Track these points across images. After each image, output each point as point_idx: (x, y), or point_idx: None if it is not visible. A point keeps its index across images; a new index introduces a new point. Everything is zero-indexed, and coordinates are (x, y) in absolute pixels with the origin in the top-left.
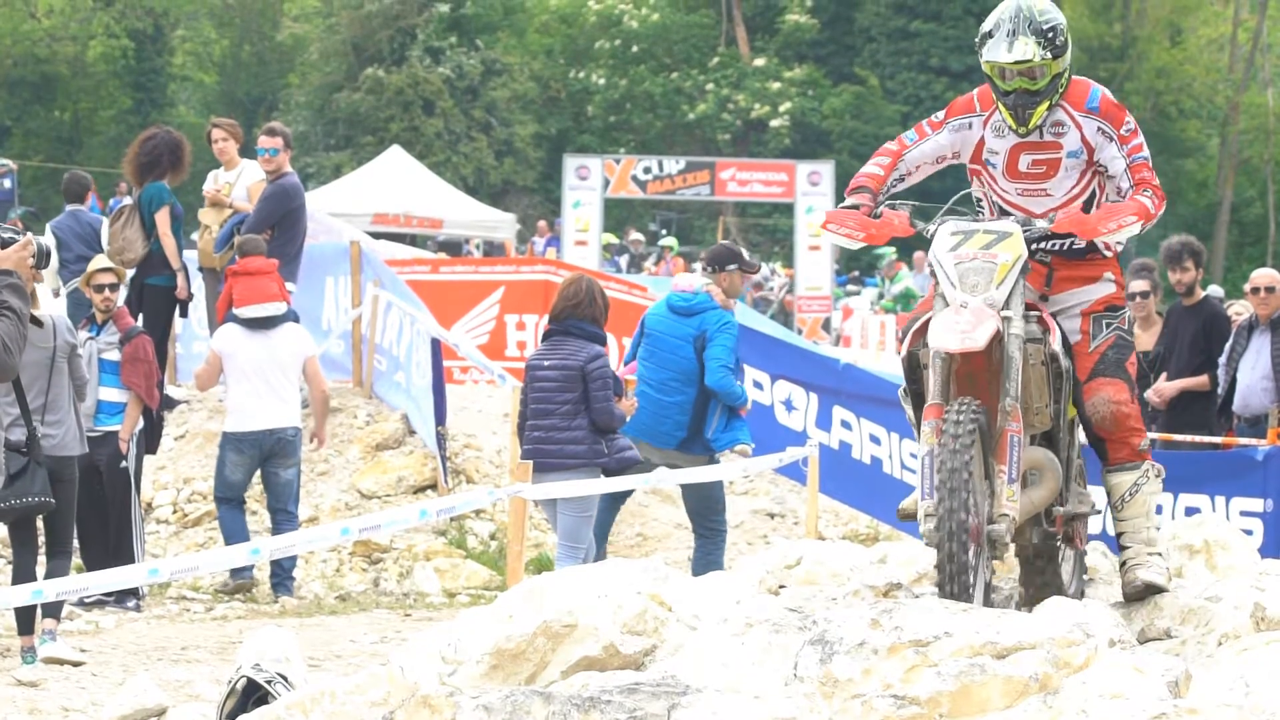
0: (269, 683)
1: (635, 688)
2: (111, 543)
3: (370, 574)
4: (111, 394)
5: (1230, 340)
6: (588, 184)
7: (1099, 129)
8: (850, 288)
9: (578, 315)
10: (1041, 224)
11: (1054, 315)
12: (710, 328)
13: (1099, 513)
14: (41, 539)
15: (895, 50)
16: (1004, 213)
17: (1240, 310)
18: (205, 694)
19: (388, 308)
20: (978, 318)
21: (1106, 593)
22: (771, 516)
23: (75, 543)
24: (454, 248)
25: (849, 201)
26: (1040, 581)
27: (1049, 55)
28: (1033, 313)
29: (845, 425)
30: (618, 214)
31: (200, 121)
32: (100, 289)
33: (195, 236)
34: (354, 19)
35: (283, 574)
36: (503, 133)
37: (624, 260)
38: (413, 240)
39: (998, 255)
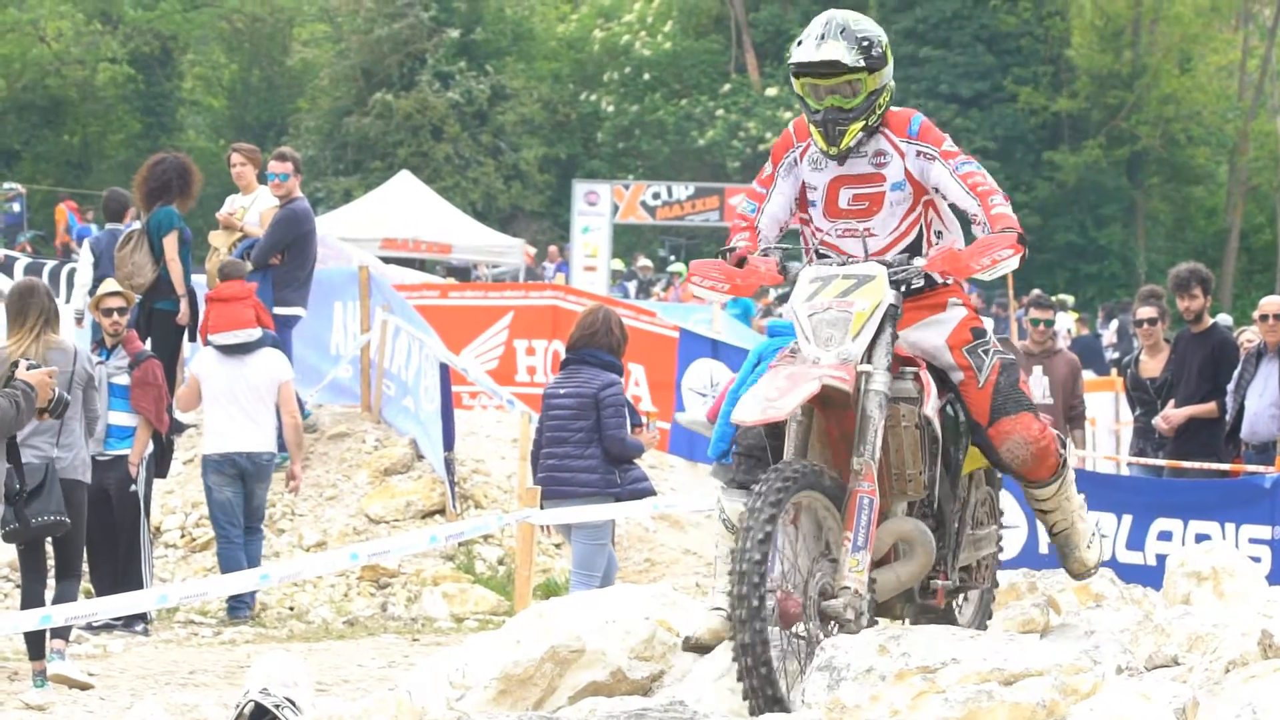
0: (277, 707)
1: (643, 713)
2: (120, 567)
3: (378, 599)
4: (121, 418)
5: (1239, 367)
6: (596, 209)
7: (919, 153)
8: None
9: (594, 345)
10: (918, 262)
11: (914, 359)
12: None
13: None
14: (50, 563)
15: (904, 76)
16: (822, 258)
17: (1251, 338)
18: (213, 718)
19: (396, 332)
20: (792, 382)
21: (1114, 620)
22: None
23: (84, 566)
24: (463, 273)
25: (724, 249)
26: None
27: (861, 62)
28: (910, 369)
29: None
30: (626, 239)
31: (209, 146)
32: (109, 313)
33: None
34: (363, 44)
35: (238, 599)
36: (511, 157)
37: (632, 286)
38: (421, 265)
39: (854, 303)
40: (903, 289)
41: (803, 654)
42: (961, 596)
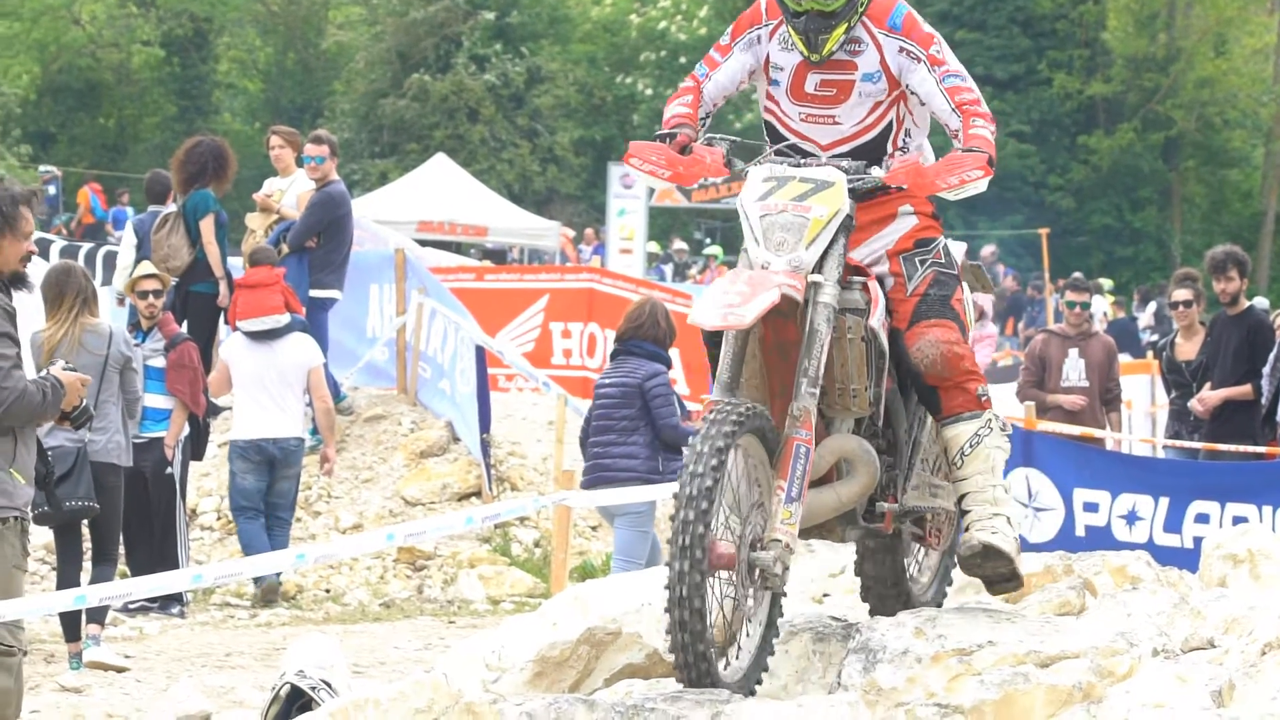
0: (313, 689)
1: (679, 695)
2: (156, 549)
3: (414, 581)
4: (157, 400)
5: (1275, 350)
6: (632, 192)
7: (901, 48)
8: None
9: (640, 336)
10: (877, 172)
11: (863, 268)
12: None
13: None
14: (87, 545)
15: None
16: (780, 140)
17: None
18: (249, 700)
19: (432, 315)
20: (753, 288)
21: (1150, 602)
22: None
23: (121, 549)
24: (498, 255)
25: (664, 131)
26: (877, 572)
27: None
28: (857, 278)
29: None
30: (662, 222)
31: (245, 129)
32: (144, 295)
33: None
34: (399, 26)
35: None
36: (546, 140)
37: (669, 269)
38: (457, 248)
39: (811, 208)
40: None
41: (730, 603)
42: (918, 554)
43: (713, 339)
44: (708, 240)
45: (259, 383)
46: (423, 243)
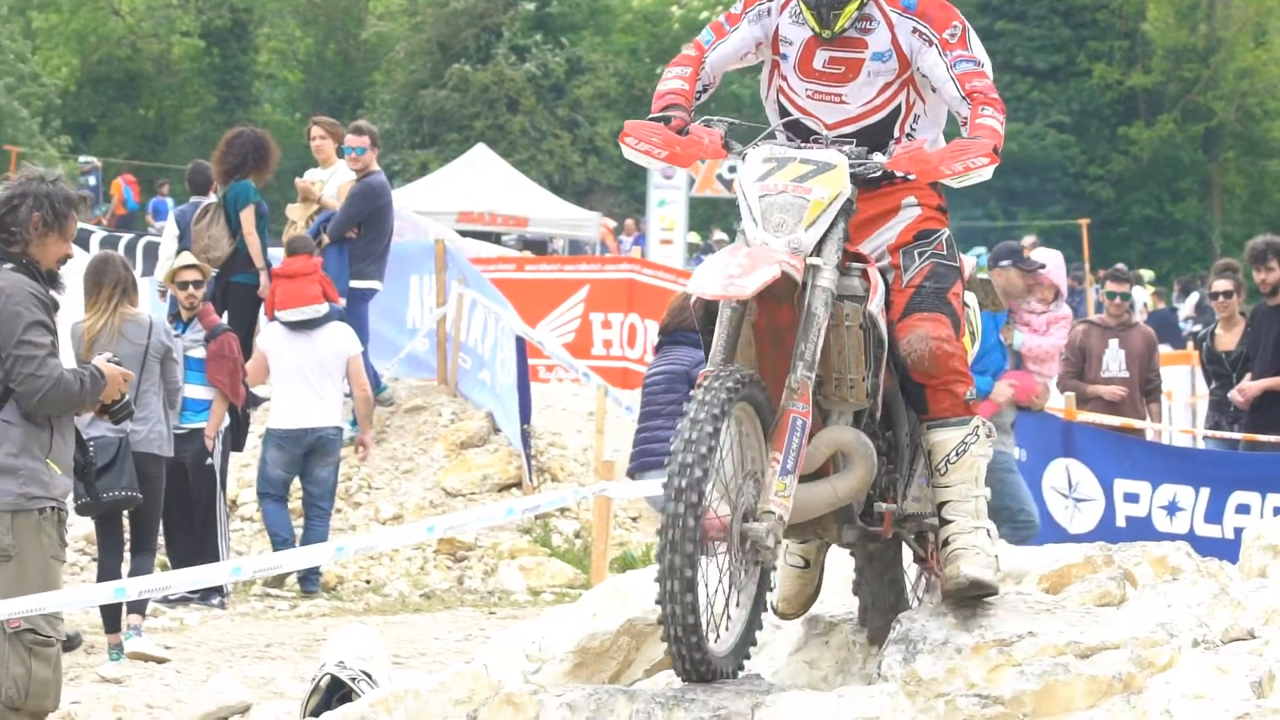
0: (353, 680)
1: (719, 686)
2: (196, 540)
3: (455, 572)
4: (197, 391)
5: None
6: (673, 183)
7: (914, 29)
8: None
9: (684, 326)
10: (879, 158)
11: (862, 254)
12: None
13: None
14: (126, 535)
15: None
16: (790, 119)
17: None
18: (289, 691)
19: (472, 306)
20: (754, 261)
21: (1190, 593)
22: None
23: (160, 540)
24: (539, 246)
25: (657, 114)
26: (874, 587)
27: None
28: (857, 265)
29: None
30: (703, 213)
31: (285, 120)
32: (184, 286)
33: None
34: (439, 17)
35: (308, 570)
36: (587, 131)
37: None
38: (498, 238)
39: (812, 190)
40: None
41: (722, 581)
42: (920, 582)
43: (706, 324)
44: None
45: (298, 373)
46: (463, 233)
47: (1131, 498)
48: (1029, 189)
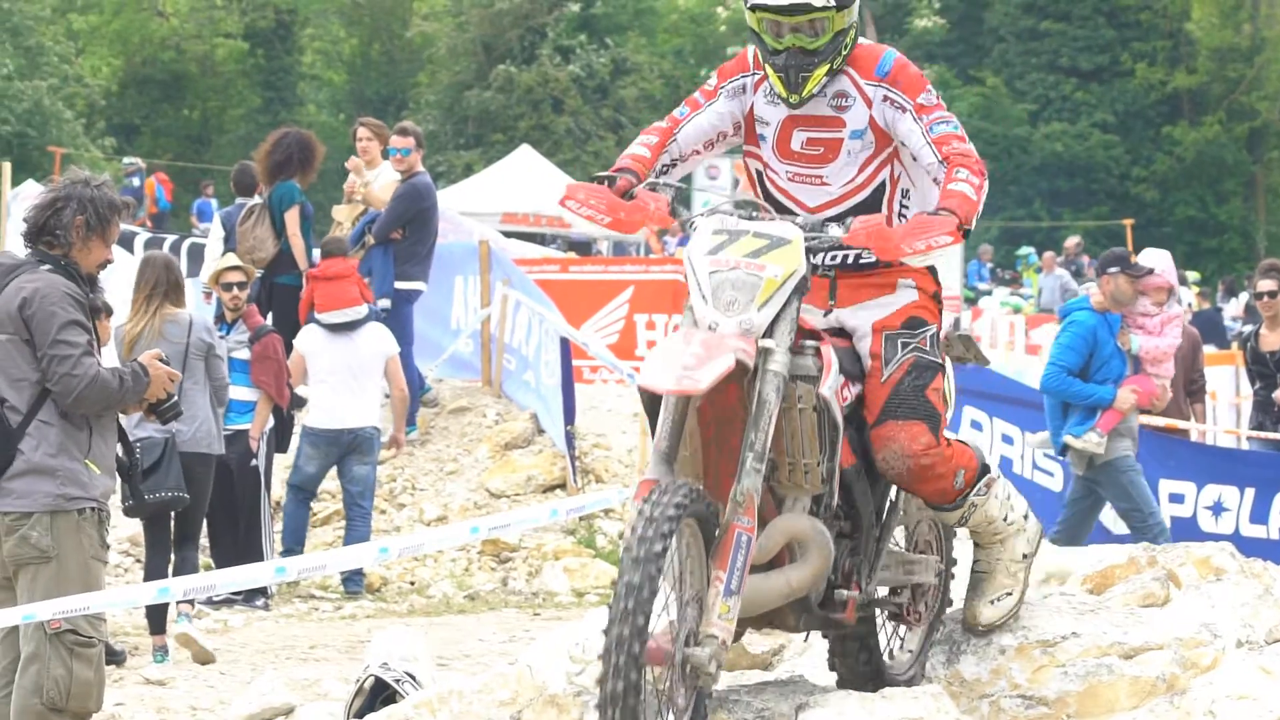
0: (397, 682)
1: (763, 687)
2: (241, 541)
3: (499, 573)
4: (241, 393)
5: None
6: (717, 184)
7: (887, 98)
8: (983, 286)
9: None
10: (835, 232)
11: (817, 331)
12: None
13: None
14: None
15: (1024, 50)
16: (772, 201)
17: None
18: (333, 693)
19: (517, 307)
20: (708, 350)
21: (1234, 594)
22: None
23: (205, 540)
24: (583, 247)
25: (602, 174)
26: (850, 665)
27: (832, 3)
28: (810, 343)
29: (976, 425)
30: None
31: (330, 121)
32: (229, 287)
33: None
34: (484, 17)
35: (352, 571)
36: (632, 132)
37: None
38: (542, 239)
39: (765, 268)
40: (845, 261)
41: (659, 705)
42: (899, 631)
43: (652, 407)
44: None
45: (338, 374)
46: (507, 234)
47: (1176, 498)
48: (1073, 189)
